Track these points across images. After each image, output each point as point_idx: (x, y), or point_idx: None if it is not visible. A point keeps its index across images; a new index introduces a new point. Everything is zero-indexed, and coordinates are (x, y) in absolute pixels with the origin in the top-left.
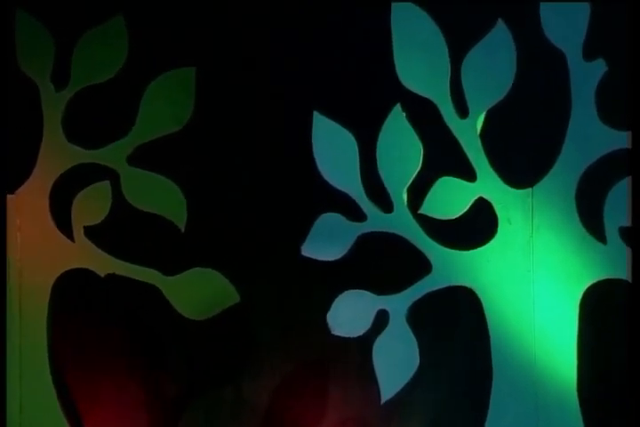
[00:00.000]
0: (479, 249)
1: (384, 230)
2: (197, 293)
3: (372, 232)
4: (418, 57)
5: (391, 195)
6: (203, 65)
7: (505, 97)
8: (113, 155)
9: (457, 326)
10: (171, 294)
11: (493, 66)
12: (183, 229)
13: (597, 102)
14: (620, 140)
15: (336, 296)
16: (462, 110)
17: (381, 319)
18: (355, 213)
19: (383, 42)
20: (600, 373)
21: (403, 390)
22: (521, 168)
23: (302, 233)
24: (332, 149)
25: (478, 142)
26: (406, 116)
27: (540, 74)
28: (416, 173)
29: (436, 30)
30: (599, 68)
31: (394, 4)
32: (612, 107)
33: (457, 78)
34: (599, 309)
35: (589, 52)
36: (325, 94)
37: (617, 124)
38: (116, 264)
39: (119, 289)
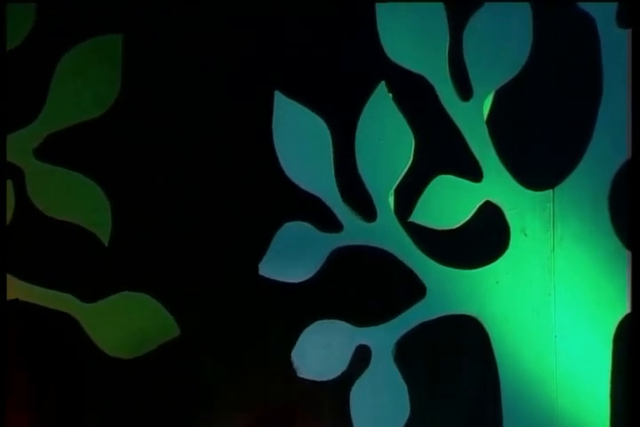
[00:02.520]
0: (486, 268)
1: (365, 244)
2: (125, 324)
3: (349, 246)
4: (408, 22)
5: (374, 198)
6: (133, 31)
7: (519, 73)
8: (16, 147)
9: (458, 366)
10: (91, 326)
11: (504, 34)
12: (107, 243)
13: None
14: None
15: (304, 328)
16: (465, 90)
17: (361, 358)
18: (327, 222)
19: (364, 2)
20: None
21: None
22: (539, 164)
23: (260, 247)
24: (299, 140)
25: (485, 131)
26: (393, 97)
27: (564, 44)
28: (405, 170)
29: None
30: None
31: None
32: None
33: (458, 49)
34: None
35: (624, 17)
36: (290, 70)
37: None
38: (20, 287)
39: (24, 319)
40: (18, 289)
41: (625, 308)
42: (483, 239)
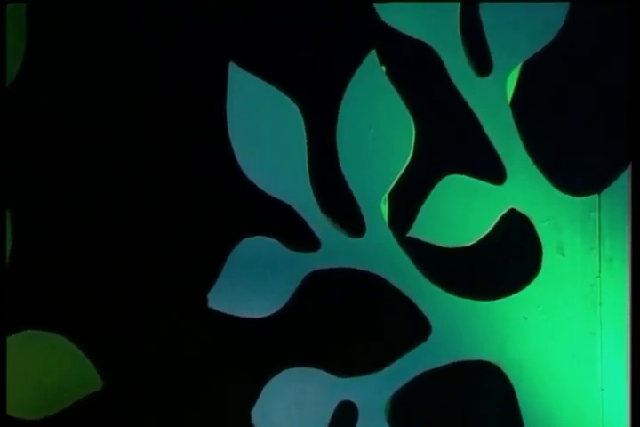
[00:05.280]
0: (510, 298)
1: (349, 266)
2: (29, 373)
3: (329, 269)
4: None
5: (362, 206)
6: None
7: (552, 42)
8: None
9: None
10: None
11: None
12: (6, 264)
13: None
14: None
15: (268, 379)
16: (482, 63)
17: (345, 417)
18: (300, 237)
19: None
20: None
21: None
22: (580, 161)
23: (210, 271)
24: (263, 129)
25: (509, 116)
26: (387, 71)
27: (610, 5)
28: (403, 168)
29: None
30: None
31: None
32: None
33: (473, 9)
34: None
35: None
36: (248, 35)
37: None
38: None
39: None
40: None
41: None
42: (506, 260)
